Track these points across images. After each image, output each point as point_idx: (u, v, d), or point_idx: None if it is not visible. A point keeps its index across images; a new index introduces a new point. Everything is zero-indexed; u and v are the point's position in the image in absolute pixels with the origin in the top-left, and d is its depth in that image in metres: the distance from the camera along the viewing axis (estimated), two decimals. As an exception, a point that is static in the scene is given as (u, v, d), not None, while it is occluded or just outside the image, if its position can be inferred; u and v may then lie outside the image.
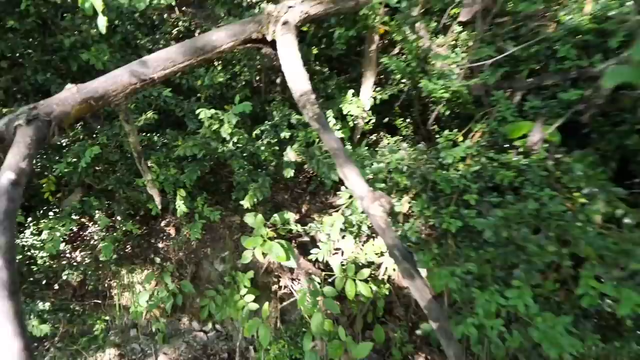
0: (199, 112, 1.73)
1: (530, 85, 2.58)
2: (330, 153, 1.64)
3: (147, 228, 3.61)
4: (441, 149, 2.41)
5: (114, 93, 1.54)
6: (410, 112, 4.06)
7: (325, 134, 1.65)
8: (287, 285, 3.43)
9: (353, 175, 1.62)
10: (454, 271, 1.88)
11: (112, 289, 3.42)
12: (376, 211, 1.59)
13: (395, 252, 1.64)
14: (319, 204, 3.90)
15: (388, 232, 1.63)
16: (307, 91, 1.72)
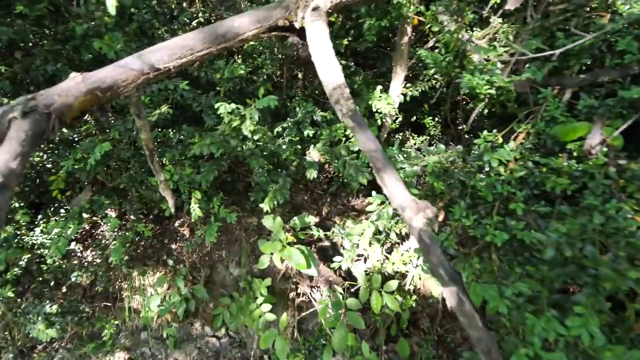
0: (218, 107, 1.54)
1: (582, 81, 2.31)
2: (367, 155, 1.43)
3: (160, 228, 3.47)
4: (482, 151, 2.17)
5: (123, 83, 1.36)
6: (440, 111, 3.81)
7: (361, 133, 1.44)
8: (305, 292, 3.24)
9: (393, 181, 1.40)
10: (504, 292, 1.64)
11: (122, 292, 3.29)
12: (420, 224, 1.37)
13: (440, 271, 1.41)
14: (340, 207, 3.70)
15: (433, 249, 1.41)
16: (340, 84, 1.52)
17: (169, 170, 2.26)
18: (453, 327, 3.61)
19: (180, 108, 3.03)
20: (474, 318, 1.38)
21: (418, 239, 1.41)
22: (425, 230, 1.38)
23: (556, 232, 1.53)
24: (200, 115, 2.89)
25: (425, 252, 1.42)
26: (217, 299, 3.34)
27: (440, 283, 1.43)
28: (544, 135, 2.27)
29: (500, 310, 1.57)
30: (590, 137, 1.93)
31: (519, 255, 2.10)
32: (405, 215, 1.39)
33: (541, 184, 2.16)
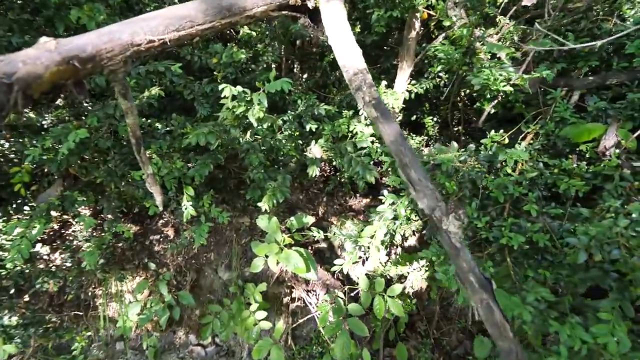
0: (223, 89, 1.34)
1: (590, 83, 2.29)
2: (391, 148, 1.29)
3: (141, 228, 3.17)
4: (496, 150, 2.09)
5: (108, 54, 1.14)
6: (439, 111, 3.75)
7: (386, 124, 1.29)
8: (301, 297, 3.06)
9: (421, 179, 1.27)
10: (526, 298, 1.55)
11: (96, 299, 2.97)
12: (451, 226, 1.25)
13: (470, 278, 1.29)
14: (337, 207, 3.54)
15: (463, 253, 1.29)
16: (362, 69, 1.37)
17: (155, 163, 2.01)
18: (449, 330, 3.55)
19: (168, 96, 2.77)
20: (505, 328, 1.27)
21: (448, 243, 1.28)
22: (456, 232, 1.26)
23: (586, 235, 1.45)
24: (191, 105, 2.64)
25: (454, 257, 1.30)
26: (204, 306, 3.09)
27: (469, 290, 1.30)
28: (553, 136, 2.23)
29: (525, 318, 1.47)
30: (606, 138, 1.89)
31: (530, 259, 2.04)
32: (435, 217, 1.26)
33: (552, 186, 2.12)
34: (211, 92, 2.31)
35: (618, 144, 1.88)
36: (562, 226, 1.83)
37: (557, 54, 2.43)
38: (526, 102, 2.55)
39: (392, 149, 1.25)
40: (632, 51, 2.11)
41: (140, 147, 1.48)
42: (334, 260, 3.41)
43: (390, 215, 2.10)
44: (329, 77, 3.08)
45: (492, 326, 1.22)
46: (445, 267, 1.81)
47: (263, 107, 1.31)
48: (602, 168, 1.87)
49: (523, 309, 1.47)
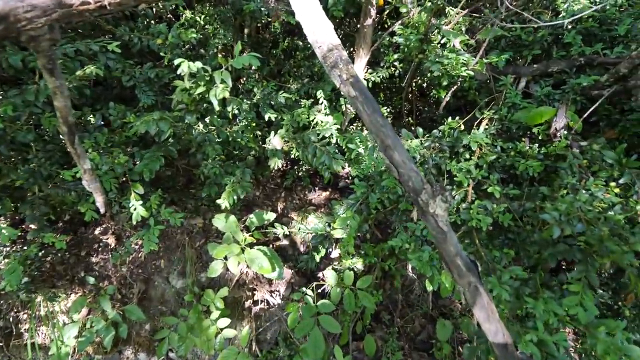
0: (179, 64, 1.13)
1: (535, 71, 2.44)
2: (372, 130, 1.20)
3: (74, 238, 2.75)
4: (458, 135, 2.13)
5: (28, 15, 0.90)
6: (392, 102, 3.79)
7: (366, 104, 1.20)
8: (264, 299, 2.88)
9: (405, 161, 1.20)
10: (501, 277, 1.58)
11: (21, 324, 2.51)
12: (439, 209, 1.19)
13: (458, 261, 1.26)
14: (296, 202, 3.41)
15: (450, 236, 1.24)
16: (336, 45, 1.26)
17: (92, 159, 1.71)
18: (412, 317, 3.62)
19: (102, 84, 2.42)
20: (493, 311, 1.26)
21: (434, 226, 1.23)
22: (442, 215, 1.21)
23: (556, 211, 1.50)
24: (129, 94, 2.33)
25: (441, 241, 1.25)
26: (155, 319, 2.77)
27: (455, 275, 1.27)
28: (506, 121, 2.33)
29: (503, 296, 1.49)
30: (556, 120, 2.01)
31: (495, 239, 2.11)
32: (421, 200, 1.20)
33: (510, 168, 2.21)
34: (156, 77, 2.04)
35: (567, 125, 2.00)
36: (523, 206, 1.90)
37: (504, 44, 2.55)
38: (477, 89, 2.65)
39: (372, 130, 1.16)
40: (569, 40, 2.28)
41: (74, 136, 1.22)
42: (297, 257, 3.29)
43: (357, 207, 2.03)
44: (283, 65, 2.93)
45: (480, 309, 1.19)
46: (419, 253, 1.79)
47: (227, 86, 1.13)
48: (554, 149, 1.99)
49: (500, 288, 1.48)
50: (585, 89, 2.12)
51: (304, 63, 2.84)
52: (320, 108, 2.57)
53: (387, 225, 3.69)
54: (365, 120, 1.18)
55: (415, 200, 1.18)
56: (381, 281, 3.58)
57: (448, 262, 1.23)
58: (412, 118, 3.74)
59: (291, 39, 2.99)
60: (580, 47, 2.26)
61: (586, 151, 1.95)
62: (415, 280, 3.68)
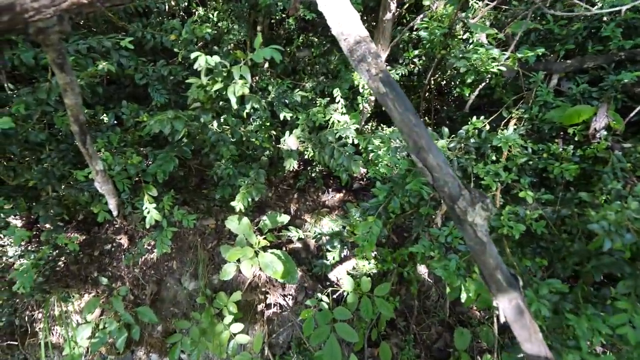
0: (194, 59, 1.04)
1: (569, 67, 2.28)
2: (403, 130, 1.10)
3: (88, 237, 2.73)
4: (487, 135, 2.00)
5: (35, 5, 0.84)
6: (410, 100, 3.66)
7: (397, 101, 1.10)
8: (277, 303, 2.81)
9: (441, 164, 1.09)
10: (538, 290, 1.45)
11: (35, 324, 2.51)
12: (478, 218, 1.08)
13: (498, 275, 1.15)
14: (309, 203, 3.32)
15: (490, 248, 1.13)
16: (364, 37, 1.16)
17: (105, 159, 1.66)
18: (428, 324, 3.50)
19: (115, 83, 2.38)
20: (535, 330, 1.14)
21: (472, 237, 1.12)
22: (482, 225, 1.10)
23: (604, 220, 1.37)
24: (142, 93, 2.28)
25: (479, 253, 1.14)
26: (167, 321, 2.73)
27: (494, 290, 1.16)
28: (537, 120, 2.18)
29: (542, 312, 1.37)
30: (596, 120, 1.86)
31: (525, 247, 1.98)
32: (458, 208, 1.10)
33: (541, 171, 2.07)
34: (169, 75, 1.98)
35: (607, 125, 1.85)
36: (557, 212, 1.76)
37: (534, 38, 2.39)
38: (504, 87, 2.51)
39: (404, 130, 1.06)
40: (608, 34, 2.12)
41: (86, 136, 1.16)
42: (311, 260, 3.21)
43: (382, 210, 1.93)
44: (298, 62, 2.84)
45: (521, 328, 1.07)
46: (444, 262, 1.67)
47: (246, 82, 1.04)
48: (592, 151, 1.84)
49: (539, 304, 1.36)
50: (626, 86, 1.96)
51: (320, 60, 2.75)
52: (336, 107, 2.47)
53: (403, 229, 3.57)
54: (396, 119, 1.08)
55: (451, 208, 1.08)
56: (397, 287, 3.47)
57: (486, 276, 1.12)
58: (430, 117, 3.61)
59: (306, 36, 2.90)
60: (619, 40, 2.09)
61: (629, 154, 1.80)
62: (432, 286, 3.56)
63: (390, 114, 1.12)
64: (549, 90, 2.19)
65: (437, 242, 1.89)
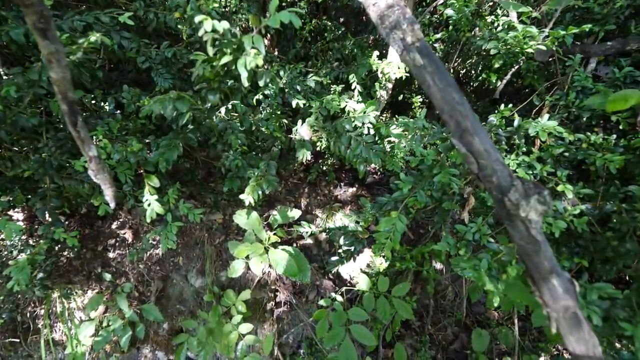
0: (200, 21, 0.89)
1: (609, 49, 2.08)
2: (444, 110, 0.94)
3: (91, 232, 2.62)
4: (521, 123, 1.82)
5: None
6: (428, 89, 3.47)
7: (437, 75, 0.93)
8: (287, 301, 2.68)
9: (488, 150, 0.93)
10: (586, 295, 1.29)
11: (38, 320, 2.41)
12: (533, 213, 0.92)
13: (553, 280, 0.98)
14: (321, 198, 3.17)
15: (544, 248, 0.97)
16: (397, 1, 1.00)
17: (104, 147, 1.53)
18: (444, 325, 3.35)
19: (116, 68, 2.24)
20: (595, 344, 0.98)
21: (524, 235, 0.95)
22: (537, 221, 0.94)
23: None
24: (146, 79, 2.15)
25: (530, 253, 0.97)
26: (173, 319, 2.62)
27: (547, 297, 0.99)
28: (574, 107, 1.99)
29: (594, 321, 1.21)
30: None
31: (561, 246, 1.81)
32: (509, 200, 0.93)
33: (579, 163, 1.89)
34: (173, 58, 1.83)
35: (657, 112, 1.65)
36: (600, 208, 1.59)
37: (569, 18, 2.19)
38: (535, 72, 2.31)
39: (444, 110, 0.90)
40: (655, 12, 1.91)
41: (76, 117, 1.02)
42: (322, 257, 3.07)
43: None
44: (310, 47, 2.67)
45: (577, 342, 0.91)
46: (474, 262, 1.51)
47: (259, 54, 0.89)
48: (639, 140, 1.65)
49: (589, 310, 1.20)
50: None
51: (334, 45, 2.57)
52: (352, 94, 2.30)
53: (419, 225, 3.40)
54: (435, 97, 0.92)
55: (499, 201, 0.91)
56: (412, 286, 3.32)
57: (538, 280, 0.96)
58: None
59: (319, 19, 2.72)
60: (667, 21, 1.89)
61: (683, 144, 1.61)
62: (449, 286, 3.40)
63: (428, 91, 0.95)
64: (587, 75, 2.00)
65: (464, 239, 1.73)
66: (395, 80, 2.58)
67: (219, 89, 1.25)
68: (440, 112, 0.98)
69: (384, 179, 3.49)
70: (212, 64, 1.03)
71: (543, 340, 3.12)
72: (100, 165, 1.12)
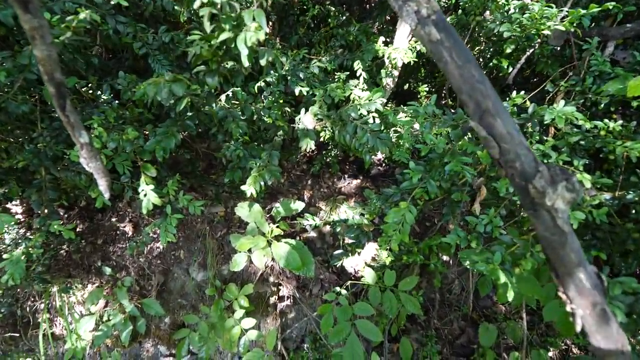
0: (199, 5, 0.82)
1: (628, 32, 1.98)
2: (462, 89, 0.86)
3: (90, 225, 2.57)
4: (536, 109, 1.73)
5: None
6: (435, 79, 3.37)
7: (455, 50, 0.86)
8: (290, 295, 2.63)
9: (512, 132, 0.86)
10: (609, 290, 1.22)
11: (38, 314, 2.38)
12: (560, 201, 0.85)
13: (580, 274, 0.92)
14: (324, 190, 3.10)
15: (571, 240, 0.90)
16: None
17: (98, 134, 1.46)
18: (450, 319, 3.30)
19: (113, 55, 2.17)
20: (624, 343, 0.91)
21: (548, 225, 0.88)
22: (564, 210, 0.86)
23: None
24: (143, 66, 2.07)
25: (556, 245, 0.90)
26: (174, 313, 2.58)
27: (573, 292, 0.92)
28: (590, 93, 1.90)
29: (619, 317, 1.14)
30: (667, 90, 1.59)
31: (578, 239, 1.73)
32: (534, 187, 0.86)
33: (597, 151, 1.80)
34: (171, 43, 1.76)
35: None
36: (619, 198, 1.51)
37: (587, 1, 2.09)
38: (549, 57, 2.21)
39: (463, 89, 0.82)
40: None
41: (65, 100, 0.95)
42: (326, 250, 3.01)
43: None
44: (313, 34, 2.58)
45: (605, 340, 0.84)
46: (486, 254, 1.44)
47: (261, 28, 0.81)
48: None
49: (614, 307, 1.13)
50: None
51: (337, 31, 2.48)
52: (357, 82, 2.22)
53: (425, 217, 3.33)
54: (453, 75, 0.84)
55: (522, 189, 0.84)
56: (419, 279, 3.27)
57: (563, 275, 0.89)
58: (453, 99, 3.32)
59: (322, 5, 2.63)
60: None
61: None
62: (455, 279, 3.33)
63: (444, 68, 0.87)
64: (605, 59, 1.90)
65: (476, 231, 1.66)
66: (401, 69, 2.48)
67: (218, 71, 1.18)
68: (457, 91, 0.90)
69: (389, 171, 3.41)
70: (209, 42, 0.96)
71: (552, 335, 3.06)
72: (92, 152, 1.05)
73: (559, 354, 3.02)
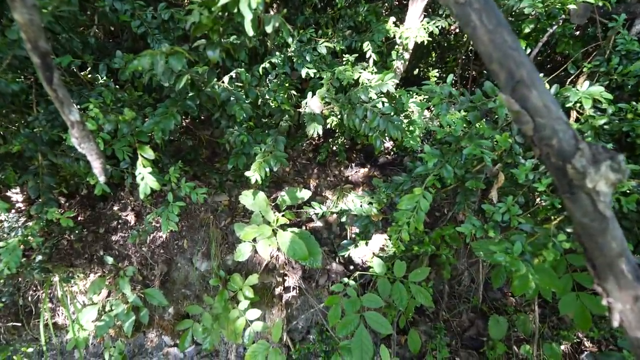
0: None
1: (657, 9, 1.86)
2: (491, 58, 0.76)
3: (92, 213, 2.52)
4: (559, 90, 1.63)
5: None
6: (446, 64, 3.25)
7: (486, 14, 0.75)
8: (296, 286, 2.57)
9: (550, 105, 0.77)
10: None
11: (40, 304, 2.34)
12: (603, 183, 0.75)
13: (622, 265, 0.82)
14: (331, 179, 3.02)
15: (613, 227, 0.81)
16: None
17: (94, 116, 1.38)
18: (459, 311, 3.23)
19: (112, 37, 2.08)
20: None
21: (587, 210, 0.79)
22: (606, 193, 0.77)
23: None
24: (142, 47, 1.98)
25: (595, 232, 0.79)
26: (178, 303, 2.54)
27: (613, 283, 0.84)
28: (615, 75, 1.79)
29: None
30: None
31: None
32: (573, 167, 0.76)
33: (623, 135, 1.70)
34: (171, 21, 1.66)
35: None
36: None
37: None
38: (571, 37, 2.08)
39: (493, 57, 0.72)
40: None
41: (52, 72, 0.87)
42: (333, 240, 2.94)
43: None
44: (320, 15, 2.47)
45: (650, 340, 0.76)
46: (505, 244, 1.36)
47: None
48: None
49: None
50: None
51: (346, 12, 2.36)
52: (366, 65, 2.12)
53: (434, 207, 3.24)
54: (482, 41, 0.74)
55: (559, 170, 0.74)
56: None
57: (601, 265, 0.80)
58: (466, 86, 3.20)
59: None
60: None
61: None
62: (465, 270, 3.26)
63: (472, 34, 0.77)
64: (632, 38, 1.78)
65: (493, 220, 1.57)
66: (412, 52, 2.37)
67: (220, 43, 1.09)
68: (487, 60, 0.80)
69: (397, 159, 3.32)
70: (210, 8, 0.87)
71: (564, 328, 2.98)
72: (84, 132, 0.97)
73: (571, 348, 2.94)
